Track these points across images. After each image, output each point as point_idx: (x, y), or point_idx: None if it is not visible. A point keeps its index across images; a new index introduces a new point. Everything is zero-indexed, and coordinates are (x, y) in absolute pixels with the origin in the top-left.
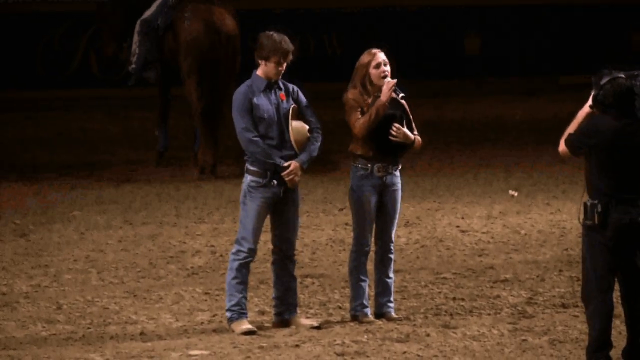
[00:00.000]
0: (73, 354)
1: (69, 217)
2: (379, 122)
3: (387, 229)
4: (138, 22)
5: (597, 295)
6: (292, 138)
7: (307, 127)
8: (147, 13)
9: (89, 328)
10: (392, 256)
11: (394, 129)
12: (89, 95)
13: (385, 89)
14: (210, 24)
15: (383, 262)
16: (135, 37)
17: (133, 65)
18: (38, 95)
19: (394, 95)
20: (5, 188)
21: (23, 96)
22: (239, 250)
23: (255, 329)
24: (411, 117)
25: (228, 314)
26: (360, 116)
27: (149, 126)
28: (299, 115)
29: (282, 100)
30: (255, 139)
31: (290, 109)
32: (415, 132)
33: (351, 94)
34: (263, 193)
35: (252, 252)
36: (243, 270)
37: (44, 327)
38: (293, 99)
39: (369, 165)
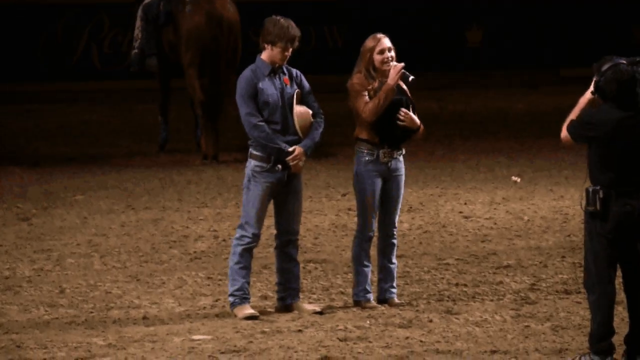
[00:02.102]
0: (75, 338)
1: (71, 202)
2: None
3: (391, 215)
4: (140, 6)
5: (598, 285)
6: (296, 123)
7: (310, 112)
8: None
9: (91, 312)
10: (395, 242)
11: (402, 113)
12: (91, 87)
13: (392, 72)
14: (212, 14)
15: (386, 248)
16: (138, 22)
17: (135, 50)
18: (40, 87)
19: (400, 82)
20: (8, 175)
21: (25, 89)
22: (242, 236)
23: (258, 314)
24: (414, 103)
25: (231, 299)
26: (367, 100)
27: (150, 118)
28: (302, 100)
29: (286, 85)
30: (259, 123)
31: (294, 93)
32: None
33: (356, 79)
34: (267, 178)
35: (255, 237)
36: (246, 255)
37: (46, 311)
38: (297, 83)
39: (375, 150)
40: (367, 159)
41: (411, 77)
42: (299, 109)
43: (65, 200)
